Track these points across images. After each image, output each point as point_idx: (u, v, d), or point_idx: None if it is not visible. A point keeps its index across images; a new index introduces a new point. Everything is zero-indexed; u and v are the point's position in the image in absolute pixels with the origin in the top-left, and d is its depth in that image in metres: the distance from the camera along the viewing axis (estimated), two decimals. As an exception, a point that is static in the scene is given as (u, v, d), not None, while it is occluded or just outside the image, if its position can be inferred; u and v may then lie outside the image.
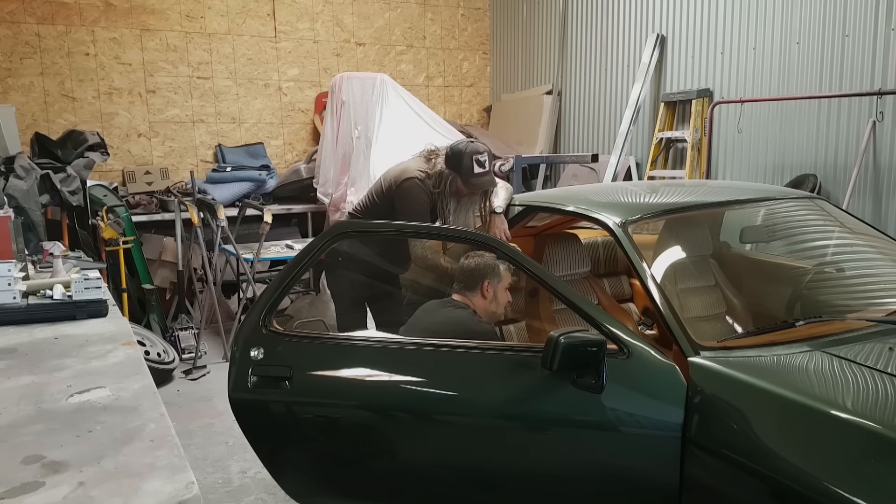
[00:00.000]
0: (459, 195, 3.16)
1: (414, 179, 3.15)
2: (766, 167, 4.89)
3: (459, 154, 3.10)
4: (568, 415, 1.87)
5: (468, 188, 3.11)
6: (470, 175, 3.07)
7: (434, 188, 3.14)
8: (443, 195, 3.14)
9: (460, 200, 3.18)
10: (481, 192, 3.14)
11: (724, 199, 2.71)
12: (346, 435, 2.09)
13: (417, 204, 3.11)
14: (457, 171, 3.09)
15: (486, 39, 7.77)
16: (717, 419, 1.75)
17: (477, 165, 3.07)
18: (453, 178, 3.11)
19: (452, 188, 3.13)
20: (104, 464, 1.45)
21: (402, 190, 3.15)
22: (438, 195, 3.14)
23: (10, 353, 2.22)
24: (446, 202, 3.15)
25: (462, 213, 3.18)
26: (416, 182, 3.14)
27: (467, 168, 3.07)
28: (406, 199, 3.13)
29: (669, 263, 2.62)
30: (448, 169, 3.13)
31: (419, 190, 3.13)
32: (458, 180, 3.10)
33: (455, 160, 3.11)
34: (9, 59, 5.74)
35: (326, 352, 2.13)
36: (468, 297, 2.67)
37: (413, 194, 3.12)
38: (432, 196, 3.15)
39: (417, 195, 3.12)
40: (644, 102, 5.77)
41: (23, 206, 4.35)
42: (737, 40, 5.03)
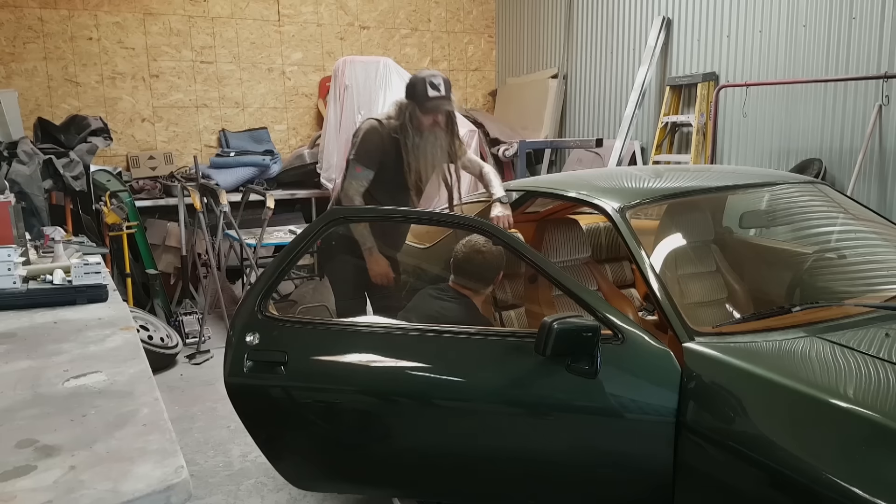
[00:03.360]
0: (420, 128, 3.09)
1: (371, 121, 3.17)
2: (771, 151, 4.84)
3: (414, 81, 3.09)
4: (562, 400, 1.87)
5: (423, 111, 3.05)
6: (424, 99, 3.03)
7: (394, 132, 3.09)
8: (405, 130, 3.09)
9: (423, 135, 3.10)
10: (449, 130, 3.13)
11: (724, 183, 2.68)
12: (341, 420, 2.09)
13: (368, 143, 3.10)
14: (412, 98, 3.07)
15: (492, 22, 7.70)
16: (711, 405, 1.74)
17: (431, 88, 3.04)
18: (412, 108, 3.07)
19: (414, 121, 3.08)
20: (96, 448, 1.46)
21: (359, 132, 3.17)
22: (400, 130, 3.08)
23: (10, 337, 2.24)
24: (409, 137, 3.09)
25: (427, 149, 3.11)
26: (373, 123, 3.14)
27: (421, 93, 3.04)
28: (359, 139, 3.14)
29: (670, 249, 2.61)
30: (406, 100, 3.11)
31: (373, 132, 3.12)
32: (417, 109, 3.06)
33: (410, 88, 3.09)
34: (12, 43, 5.73)
35: (322, 337, 2.13)
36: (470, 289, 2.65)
37: (366, 136, 3.12)
38: (392, 139, 3.11)
39: (370, 136, 3.11)
40: (649, 86, 5.72)
41: (26, 192, 4.36)
42: (743, 23, 4.97)
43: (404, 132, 3.10)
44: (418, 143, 3.11)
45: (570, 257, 3.00)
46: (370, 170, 3.11)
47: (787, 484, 1.55)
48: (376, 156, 3.12)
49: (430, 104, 3.05)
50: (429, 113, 3.06)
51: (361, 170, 3.11)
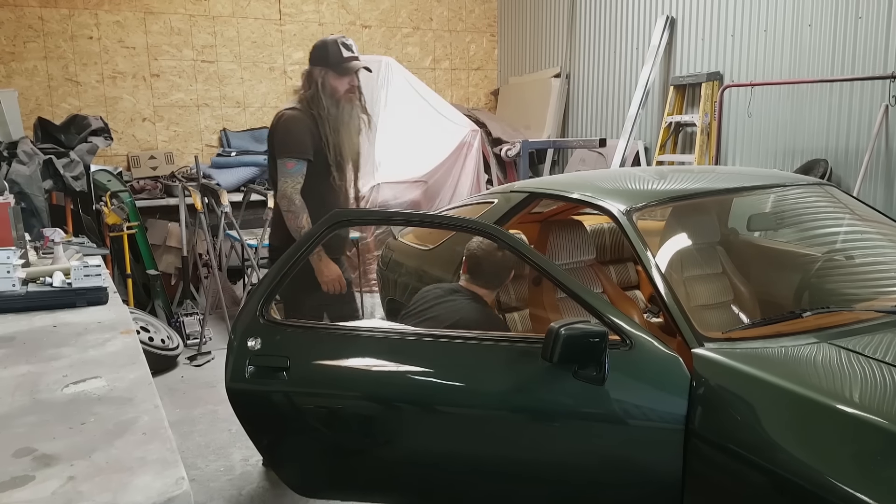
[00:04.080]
0: (336, 95, 2.87)
1: (287, 110, 2.92)
2: (776, 152, 4.81)
3: (323, 44, 2.89)
4: (569, 406, 1.84)
5: (340, 73, 2.85)
6: (340, 60, 2.84)
7: (310, 106, 2.87)
8: (318, 101, 2.85)
9: (340, 105, 2.88)
10: (360, 99, 2.94)
11: (731, 185, 2.65)
12: (344, 426, 2.07)
13: (295, 133, 2.85)
14: (324, 62, 2.86)
15: (494, 21, 7.67)
16: (721, 412, 1.71)
17: (344, 49, 2.86)
18: (324, 74, 2.85)
19: (326, 88, 2.86)
20: (95, 457, 1.43)
21: (278, 126, 2.90)
22: (314, 102, 2.86)
23: (9, 341, 2.21)
24: (323, 108, 2.85)
25: (345, 120, 2.89)
26: (292, 111, 2.90)
27: (335, 54, 2.84)
28: (281, 132, 2.88)
29: (676, 251, 2.58)
30: (316, 67, 2.88)
31: (296, 119, 2.87)
32: (330, 74, 2.85)
33: (321, 52, 2.88)
34: (12, 42, 5.71)
35: (325, 341, 2.11)
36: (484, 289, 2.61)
37: (290, 125, 2.87)
38: (312, 119, 2.88)
39: (295, 125, 2.86)
40: (653, 86, 5.69)
41: (26, 192, 4.34)
42: (747, 22, 4.93)
43: (318, 103, 2.86)
44: (335, 114, 2.88)
45: (574, 259, 2.97)
46: (303, 161, 2.86)
47: (798, 493, 1.52)
48: (308, 143, 2.86)
49: (347, 65, 2.84)
50: (345, 76, 2.85)
51: (294, 164, 2.85)
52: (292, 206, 2.86)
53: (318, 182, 2.91)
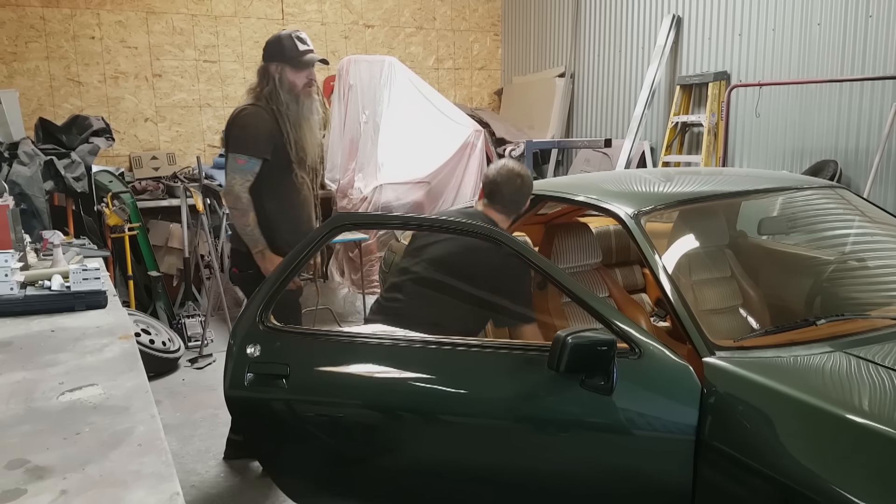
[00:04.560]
0: (294, 90, 2.79)
1: (248, 106, 2.81)
2: (784, 152, 4.75)
3: (278, 39, 2.80)
4: (576, 416, 1.80)
5: (298, 68, 2.77)
6: (297, 54, 2.75)
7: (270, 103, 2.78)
8: (276, 97, 2.76)
9: (299, 100, 2.80)
10: (319, 94, 2.87)
11: (741, 188, 2.60)
12: (345, 434, 2.03)
13: (252, 128, 2.75)
14: (281, 57, 2.77)
15: (498, 20, 7.62)
16: (732, 423, 1.67)
17: (299, 42, 2.78)
18: (282, 69, 2.77)
19: (284, 84, 2.77)
20: (89, 470, 1.39)
21: (234, 122, 2.80)
22: (272, 98, 2.77)
23: (6, 346, 2.18)
24: (282, 104, 2.76)
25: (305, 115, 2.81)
26: (252, 107, 2.80)
27: (291, 48, 2.76)
28: (239, 126, 2.78)
29: (684, 254, 2.53)
30: (272, 63, 2.79)
31: (255, 114, 2.77)
32: (287, 68, 2.77)
33: (276, 47, 2.79)
34: (14, 42, 5.68)
35: (325, 348, 2.06)
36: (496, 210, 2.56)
37: (247, 120, 2.77)
38: (272, 115, 2.79)
39: (252, 120, 2.77)
40: (659, 85, 5.63)
41: (26, 193, 4.31)
42: (755, 21, 4.88)
43: (277, 99, 2.77)
44: (295, 109, 2.80)
45: (580, 262, 2.93)
46: (257, 159, 2.76)
47: (814, 508, 1.47)
48: (264, 140, 2.76)
49: (303, 59, 2.76)
50: (302, 70, 2.77)
51: (246, 161, 2.75)
52: (239, 203, 2.76)
53: (281, 180, 2.82)
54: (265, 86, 2.79)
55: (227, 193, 2.79)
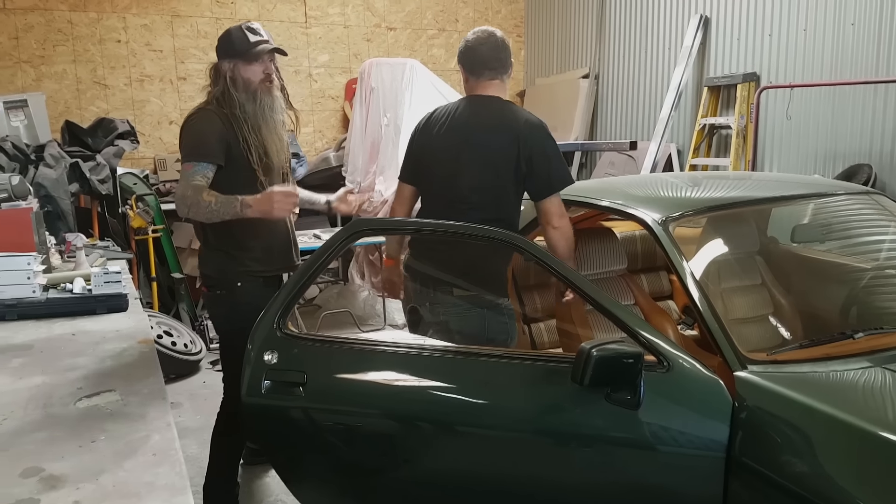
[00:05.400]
0: (251, 88, 2.49)
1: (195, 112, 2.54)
2: (816, 156, 4.63)
3: (227, 33, 2.52)
4: (601, 431, 1.74)
5: (250, 61, 2.46)
6: (248, 46, 2.45)
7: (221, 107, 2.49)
8: (229, 97, 2.47)
9: (257, 98, 2.50)
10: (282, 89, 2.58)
11: (772, 194, 2.52)
12: (362, 444, 1.99)
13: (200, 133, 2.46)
14: (231, 53, 2.48)
15: (521, 22, 7.56)
16: (766, 440, 1.60)
17: (250, 34, 2.49)
18: (233, 66, 2.47)
19: (238, 82, 2.48)
20: (103, 480, 1.38)
21: (184, 128, 2.53)
22: (225, 100, 2.48)
23: (27, 349, 2.18)
24: (236, 105, 2.47)
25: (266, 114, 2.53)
26: (202, 110, 2.53)
27: (241, 41, 2.46)
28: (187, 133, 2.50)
29: (713, 261, 2.46)
30: (224, 60, 2.50)
31: (204, 117, 2.49)
32: (239, 64, 2.47)
33: (224, 43, 2.50)
34: (42, 46, 5.75)
35: (343, 356, 2.03)
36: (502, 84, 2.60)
37: (196, 125, 2.49)
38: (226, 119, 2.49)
39: (202, 124, 2.48)
40: (686, 87, 5.53)
41: (52, 195, 4.35)
42: (786, 21, 4.76)
43: (230, 101, 2.47)
44: (253, 109, 2.50)
45: (605, 269, 2.86)
46: (208, 164, 2.43)
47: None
48: (214, 144, 2.45)
49: (256, 49, 2.46)
50: (255, 62, 2.47)
51: (193, 166, 2.42)
52: (188, 199, 2.39)
53: (245, 191, 2.46)
54: (216, 86, 2.52)
55: (177, 206, 2.46)
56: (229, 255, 2.57)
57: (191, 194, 2.39)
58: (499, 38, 2.57)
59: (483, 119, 2.50)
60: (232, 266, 2.57)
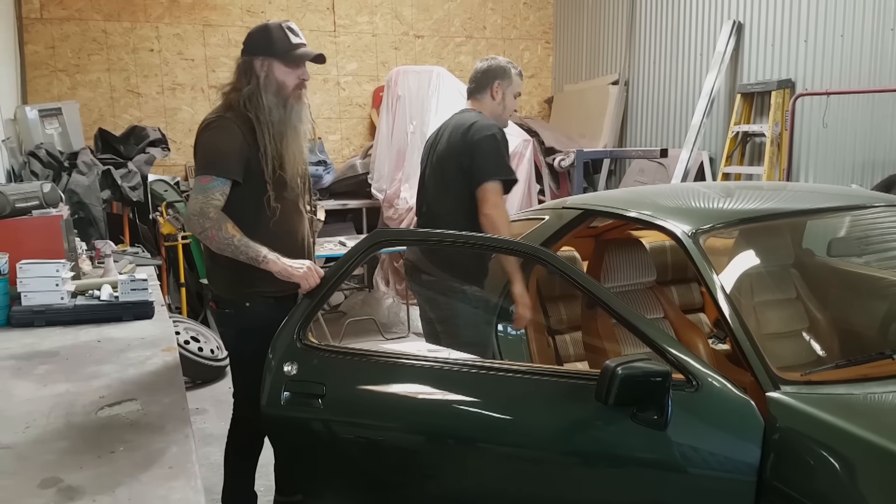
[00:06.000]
0: (283, 92, 2.32)
1: (212, 120, 2.34)
2: (853, 165, 4.50)
3: (265, 28, 2.31)
4: (627, 452, 1.68)
5: (290, 64, 2.29)
6: (289, 47, 2.28)
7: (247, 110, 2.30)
8: (258, 101, 2.28)
9: (288, 106, 2.33)
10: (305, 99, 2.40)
11: (807, 206, 2.44)
12: (379, 458, 1.97)
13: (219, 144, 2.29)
14: (269, 51, 2.27)
15: (550, 28, 7.51)
16: (799, 465, 1.53)
17: (291, 34, 2.30)
18: (269, 66, 2.28)
19: (271, 84, 2.29)
20: (119, 493, 1.37)
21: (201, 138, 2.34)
22: (251, 102, 2.29)
23: (52, 356, 2.20)
24: (263, 109, 2.29)
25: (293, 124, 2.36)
26: (219, 119, 2.32)
27: (281, 39, 2.27)
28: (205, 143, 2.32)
29: (745, 274, 2.38)
30: (257, 57, 2.29)
31: (222, 128, 2.29)
32: (276, 64, 2.28)
33: (262, 38, 2.29)
34: (77, 55, 5.87)
35: (362, 368, 2.01)
36: (479, 101, 2.91)
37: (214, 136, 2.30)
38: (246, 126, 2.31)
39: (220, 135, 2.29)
40: (719, 93, 5.43)
41: (84, 202, 4.42)
42: (822, 27, 4.64)
43: (257, 103, 2.28)
44: (280, 116, 2.31)
45: (633, 281, 2.79)
46: (227, 180, 2.26)
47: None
48: (234, 160, 2.27)
49: (297, 52, 2.29)
50: (295, 67, 2.30)
51: (210, 179, 2.25)
52: (206, 220, 2.22)
53: (258, 208, 2.33)
54: (245, 86, 2.30)
55: (187, 220, 2.30)
56: (238, 274, 2.36)
57: (213, 217, 2.22)
58: (480, 66, 2.96)
59: (451, 125, 2.91)
60: (241, 285, 2.40)
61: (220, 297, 2.50)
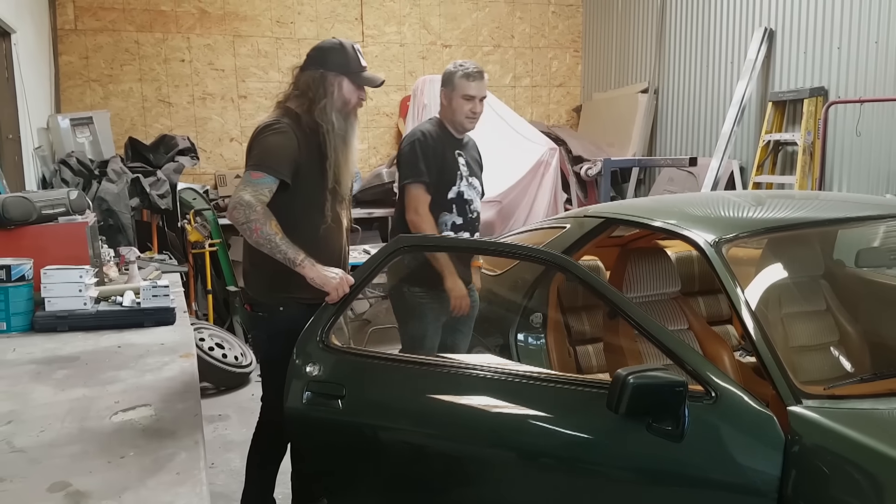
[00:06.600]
0: (346, 107, 2.44)
1: (274, 124, 2.41)
2: (888, 174, 4.36)
3: (341, 46, 2.43)
4: (641, 463, 1.64)
5: (357, 82, 2.42)
6: (360, 68, 2.42)
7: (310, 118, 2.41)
8: (325, 115, 2.38)
9: (349, 121, 2.46)
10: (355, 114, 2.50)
11: (836, 215, 2.36)
12: (394, 460, 1.99)
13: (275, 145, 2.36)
14: (343, 68, 2.40)
15: (578, 36, 7.47)
16: (820, 481, 1.47)
17: (361, 57, 2.45)
18: (339, 81, 2.40)
19: (338, 99, 2.40)
20: (125, 498, 1.37)
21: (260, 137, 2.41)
22: (321, 113, 2.39)
23: (72, 361, 2.22)
24: (331, 123, 2.39)
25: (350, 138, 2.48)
26: (276, 122, 2.41)
27: (354, 59, 2.41)
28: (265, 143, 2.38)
29: (772, 285, 2.31)
30: (330, 71, 2.40)
31: (281, 130, 2.38)
32: (346, 81, 2.40)
33: (339, 56, 2.41)
34: (110, 65, 6.00)
35: (380, 372, 2.05)
36: (440, 107, 3.02)
37: (273, 137, 2.38)
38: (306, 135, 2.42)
39: (278, 138, 2.37)
40: (750, 101, 5.33)
41: (113, 209, 4.50)
42: (856, 33, 4.52)
43: (325, 116, 2.39)
44: (342, 128, 2.43)
45: (657, 291, 2.73)
46: (276, 179, 2.34)
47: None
48: (287, 159, 2.36)
49: (367, 76, 2.44)
50: (360, 87, 2.44)
51: (262, 175, 2.33)
52: (252, 212, 2.26)
53: (307, 213, 2.43)
54: (320, 98, 2.40)
55: (233, 207, 2.30)
56: (276, 278, 2.44)
57: (260, 211, 2.28)
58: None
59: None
60: (277, 290, 2.48)
61: (255, 301, 2.57)
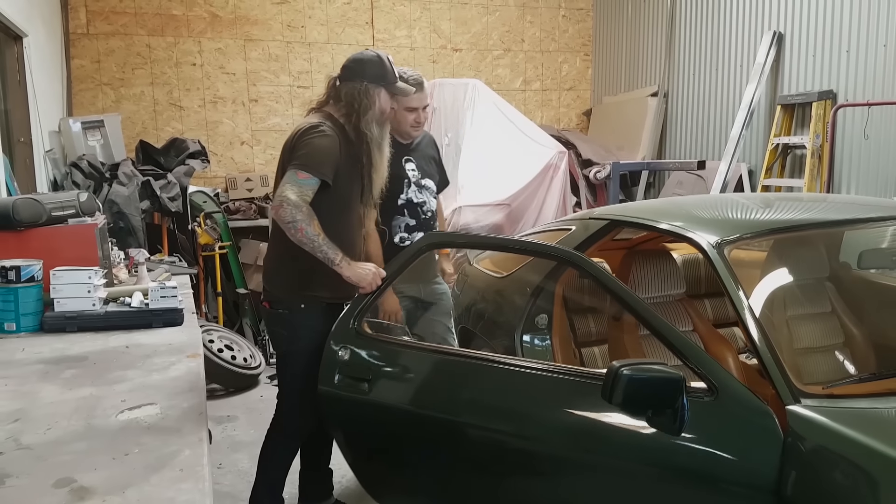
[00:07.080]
0: (382, 117, 2.56)
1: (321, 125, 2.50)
2: (897, 177, 4.34)
3: (380, 60, 2.54)
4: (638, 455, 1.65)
5: (394, 93, 2.57)
6: (395, 79, 2.55)
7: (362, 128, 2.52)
8: (368, 123, 2.50)
9: (383, 130, 2.59)
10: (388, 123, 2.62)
11: (841, 217, 2.36)
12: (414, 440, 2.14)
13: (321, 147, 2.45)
14: (383, 80, 2.52)
15: (589, 40, 7.47)
16: (817, 480, 1.48)
17: (396, 69, 2.59)
18: (378, 92, 2.52)
19: (377, 109, 2.52)
20: (128, 494, 1.40)
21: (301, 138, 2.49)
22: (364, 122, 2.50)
23: (80, 361, 2.25)
24: (372, 131, 2.52)
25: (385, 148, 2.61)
26: (322, 125, 2.50)
27: (391, 73, 2.54)
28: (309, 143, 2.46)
29: (778, 286, 2.31)
30: (372, 83, 2.51)
31: (326, 134, 2.48)
32: (384, 93, 2.53)
33: (378, 68, 2.52)
34: (122, 69, 6.07)
35: (405, 358, 2.21)
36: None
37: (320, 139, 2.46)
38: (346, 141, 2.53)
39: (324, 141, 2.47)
40: (758, 105, 5.31)
41: (124, 212, 4.55)
42: (864, 37, 4.51)
43: (368, 123, 2.51)
44: (380, 137, 2.56)
45: (661, 293, 2.73)
46: (319, 181, 2.43)
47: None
48: (330, 165, 2.46)
49: (403, 87, 2.58)
50: (394, 98, 2.59)
51: (308, 177, 2.41)
52: (299, 212, 2.35)
53: (338, 216, 2.53)
54: (366, 109, 2.51)
55: (279, 206, 2.38)
56: (300, 277, 2.54)
57: (305, 212, 2.37)
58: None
59: None
60: (300, 287, 2.57)
61: (275, 297, 2.66)
